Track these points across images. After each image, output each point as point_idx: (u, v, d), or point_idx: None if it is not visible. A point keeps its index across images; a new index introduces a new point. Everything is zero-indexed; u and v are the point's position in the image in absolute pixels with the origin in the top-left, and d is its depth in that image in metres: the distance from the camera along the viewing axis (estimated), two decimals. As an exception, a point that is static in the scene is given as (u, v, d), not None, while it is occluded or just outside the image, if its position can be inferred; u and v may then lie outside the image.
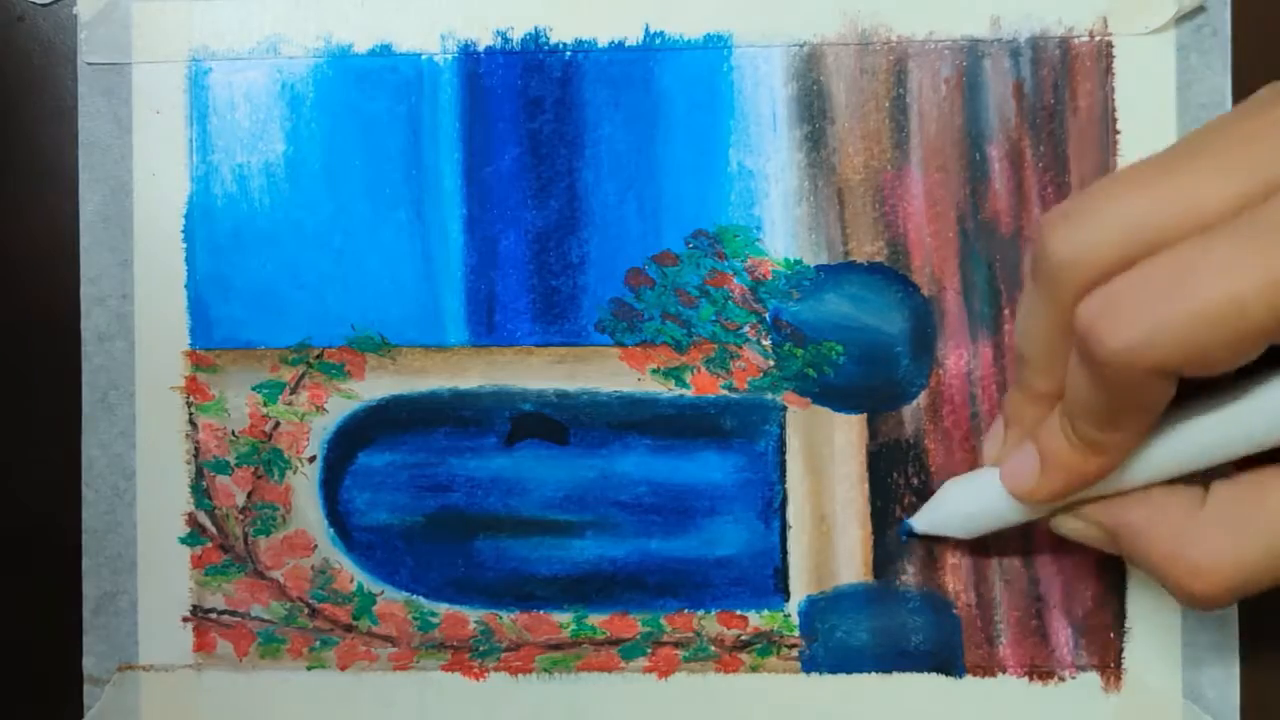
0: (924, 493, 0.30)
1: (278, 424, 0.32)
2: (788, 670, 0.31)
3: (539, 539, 0.31)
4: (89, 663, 0.32)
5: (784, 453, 0.31)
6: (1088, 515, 0.26)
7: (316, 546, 0.32)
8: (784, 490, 0.31)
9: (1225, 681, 0.30)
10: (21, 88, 0.32)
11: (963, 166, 0.30)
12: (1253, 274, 0.20)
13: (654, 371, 0.31)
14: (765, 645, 0.31)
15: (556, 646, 0.31)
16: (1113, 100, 0.30)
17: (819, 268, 0.31)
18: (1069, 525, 0.27)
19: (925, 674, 0.31)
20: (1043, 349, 0.25)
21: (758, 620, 0.31)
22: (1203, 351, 0.21)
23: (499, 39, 0.31)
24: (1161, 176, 0.22)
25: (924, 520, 0.29)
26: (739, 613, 0.31)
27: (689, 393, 0.31)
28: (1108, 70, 0.30)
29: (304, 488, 0.32)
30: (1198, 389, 0.24)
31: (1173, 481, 0.25)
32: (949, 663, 0.31)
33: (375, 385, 0.31)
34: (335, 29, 0.31)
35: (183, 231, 0.32)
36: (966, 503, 0.28)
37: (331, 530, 0.32)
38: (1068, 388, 0.24)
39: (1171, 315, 0.21)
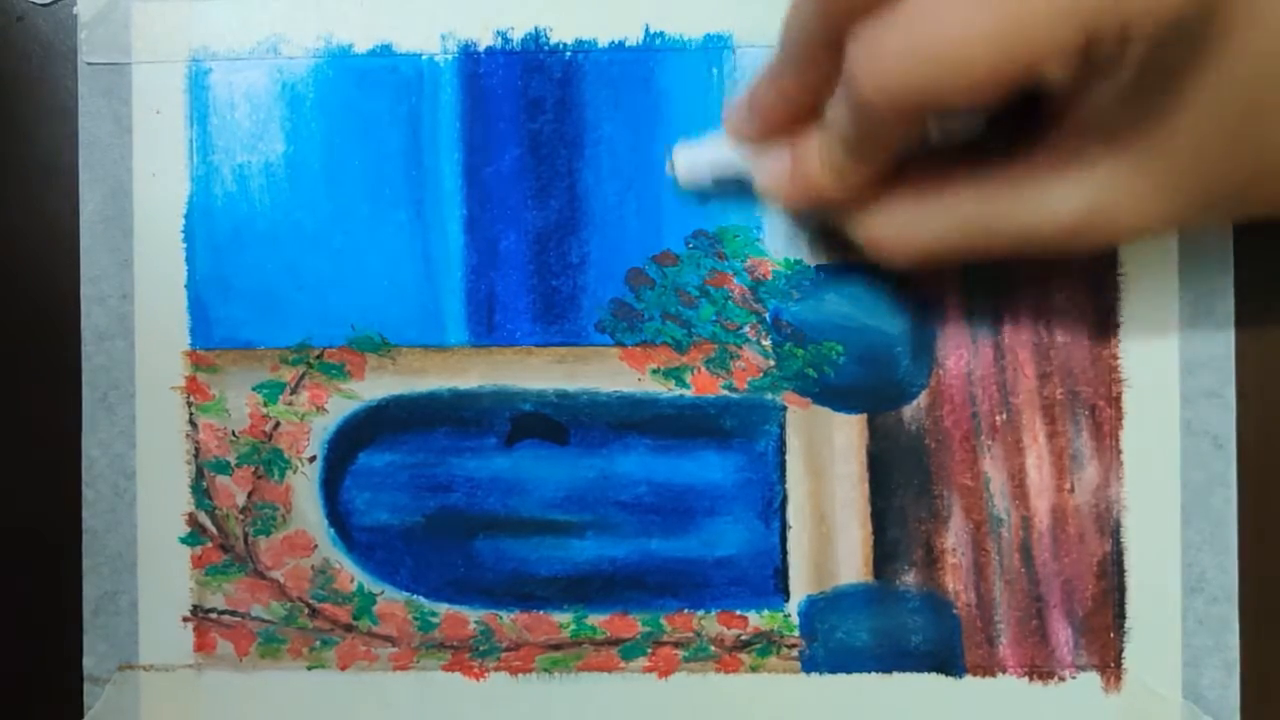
0: (924, 493, 0.30)
1: (278, 424, 0.32)
2: (788, 670, 0.31)
3: (539, 539, 0.31)
4: (89, 663, 0.32)
5: (784, 453, 0.31)
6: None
7: (316, 546, 0.32)
8: (784, 490, 0.31)
9: (1225, 681, 0.30)
10: (21, 88, 0.32)
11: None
12: (983, 22, 0.22)
13: (654, 371, 0.31)
14: (765, 645, 0.31)
15: (556, 646, 0.31)
16: (1113, 100, 0.30)
17: (819, 268, 0.31)
18: (770, 182, 0.28)
19: (925, 674, 0.31)
20: (804, 53, 0.26)
21: (758, 620, 0.31)
22: (940, 95, 0.22)
23: (499, 39, 0.31)
24: None
25: (682, 162, 0.30)
26: (739, 613, 0.31)
27: (689, 393, 0.31)
28: (1108, 70, 0.30)
29: (304, 488, 0.32)
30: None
31: None
32: (949, 663, 0.31)
33: (375, 385, 0.31)
34: (335, 29, 0.31)
35: (183, 231, 0.32)
36: (705, 159, 0.30)
37: (331, 530, 0.32)
38: (827, 112, 0.26)
39: (915, 60, 0.22)
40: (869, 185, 0.26)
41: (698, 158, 0.30)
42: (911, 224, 0.27)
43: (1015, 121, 0.26)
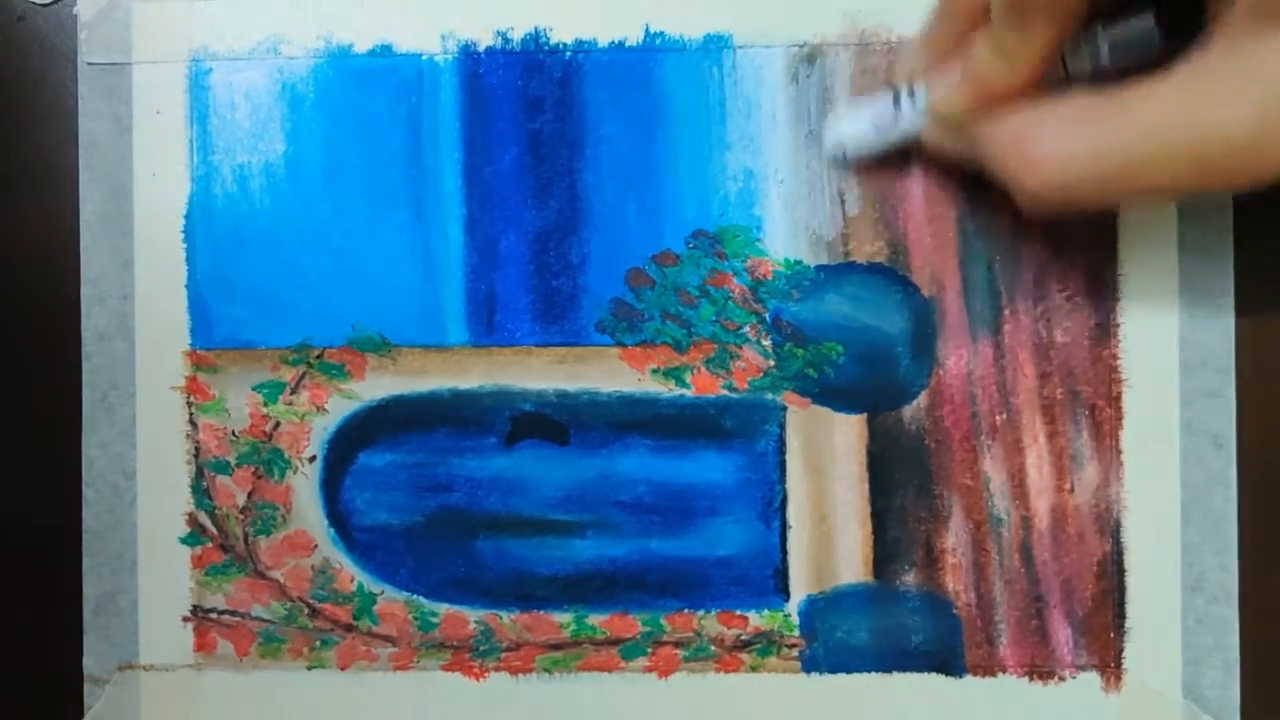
0: (924, 493, 0.30)
1: (278, 424, 0.32)
2: (788, 670, 0.31)
3: (539, 539, 0.31)
4: (89, 663, 0.32)
5: (784, 453, 0.31)
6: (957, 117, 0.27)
7: (317, 546, 0.32)
8: (784, 490, 0.31)
9: (1225, 681, 0.30)
10: (21, 88, 0.32)
11: (963, 166, 0.30)
12: None
13: (654, 371, 0.31)
14: (765, 645, 0.31)
15: (556, 646, 0.31)
16: (1113, 100, 0.30)
17: (819, 268, 0.31)
18: (935, 133, 0.28)
19: (925, 674, 0.31)
20: None
21: (758, 620, 0.31)
22: None
23: (499, 39, 0.31)
24: None
25: (830, 134, 0.30)
26: (739, 613, 0.31)
27: (689, 393, 0.31)
28: (1108, 70, 0.30)
29: (304, 488, 0.32)
30: None
31: None
32: (949, 663, 0.31)
33: (375, 385, 0.31)
34: (335, 29, 0.31)
35: (183, 231, 0.32)
36: (866, 119, 0.30)
37: (332, 530, 0.32)
38: None
39: None
40: (1033, 73, 0.25)
41: (855, 122, 0.30)
42: (1071, 141, 0.25)
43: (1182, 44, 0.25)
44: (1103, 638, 0.30)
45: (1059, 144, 0.25)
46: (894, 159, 0.30)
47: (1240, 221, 0.30)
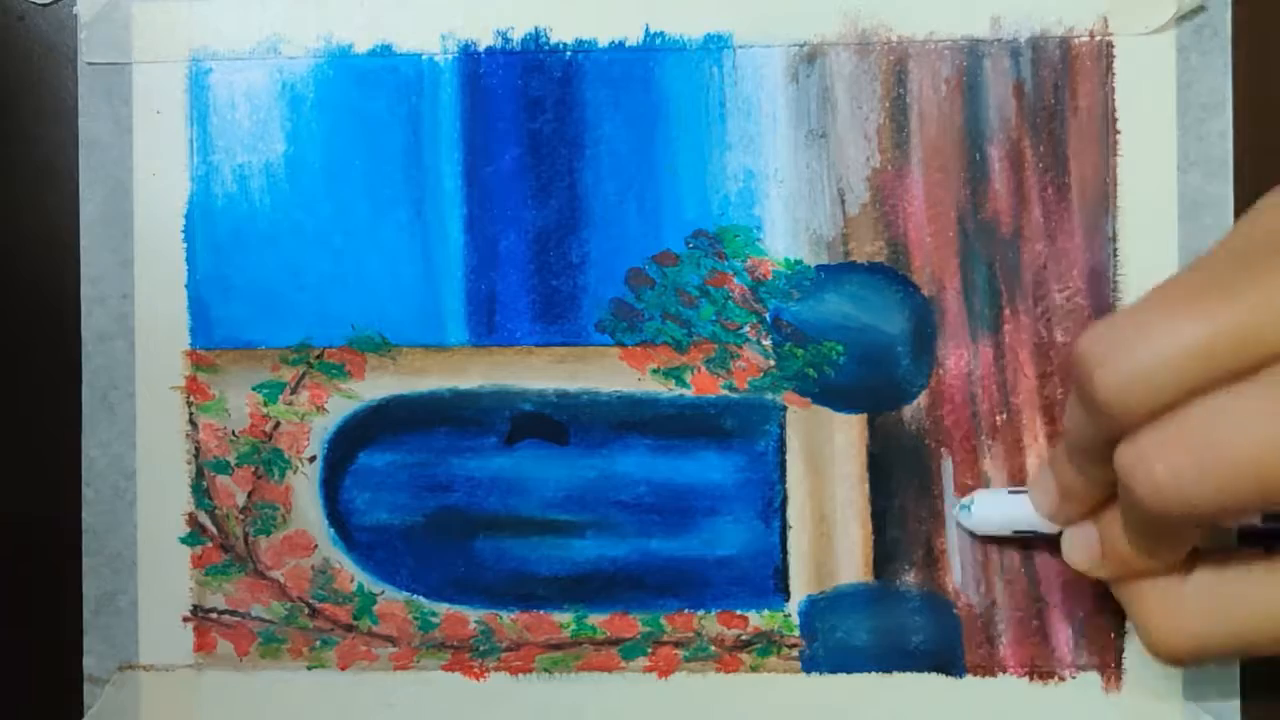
0: (924, 493, 0.30)
1: (278, 424, 0.32)
2: (788, 670, 0.31)
3: (539, 539, 0.31)
4: (89, 663, 0.32)
5: (784, 453, 0.31)
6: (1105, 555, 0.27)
7: (317, 546, 0.32)
8: (784, 490, 0.31)
9: (1225, 681, 0.30)
10: (21, 88, 0.32)
11: (963, 166, 0.30)
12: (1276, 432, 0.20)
13: (654, 371, 0.31)
14: (765, 645, 0.31)
15: (557, 646, 0.31)
16: (1113, 100, 0.30)
17: (819, 268, 0.31)
18: (1079, 558, 0.27)
19: (925, 674, 0.31)
20: (1091, 450, 0.24)
21: (758, 620, 0.31)
22: (1233, 505, 0.21)
23: (499, 39, 0.31)
24: (1216, 306, 0.21)
25: (980, 513, 0.29)
26: (739, 613, 0.31)
27: (689, 393, 0.31)
28: (1108, 70, 0.30)
29: (304, 488, 0.32)
30: None
31: None
32: (949, 663, 0.31)
33: (375, 385, 0.31)
34: (335, 29, 0.31)
35: (183, 231, 0.32)
36: (1011, 518, 0.29)
37: (332, 530, 0.32)
38: (1121, 506, 0.24)
39: (1200, 472, 0.21)
40: (1178, 563, 0.25)
41: (997, 513, 0.29)
42: (1198, 610, 0.25)
43: None
44: (1103, 638, 0.30)
45: (1187, 618, 0.25)
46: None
47: (1240, 221, 0.30)
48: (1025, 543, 0.30)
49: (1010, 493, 0.29)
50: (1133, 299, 0.30)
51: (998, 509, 0.29)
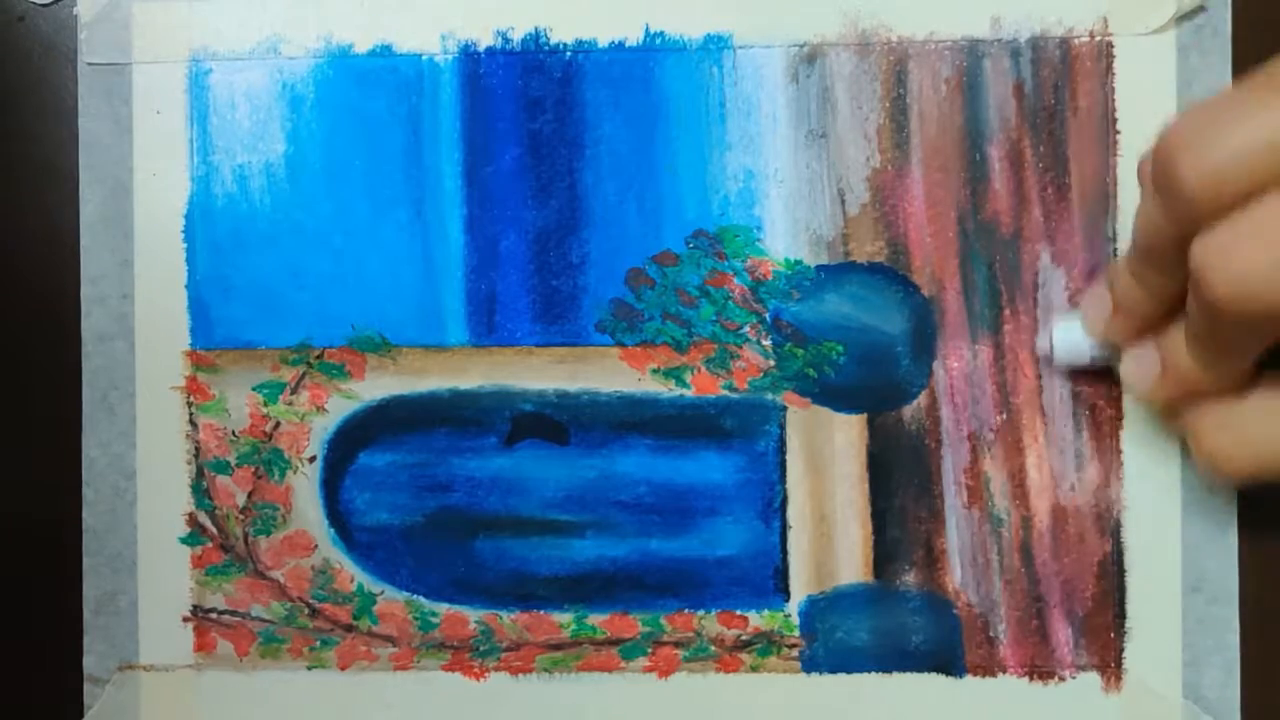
0: (924, 493, 0.30)
1: (278, 424, 0.32)
2: (788, 670, 0.31)
3: (539, 539, 0.31)
4: (89, 663, 0.32)
5: (784, 453, 0.31)
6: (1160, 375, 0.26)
7: (317, 546, 0.32)
8: (784, 490, 0.31)
9: (1225, 681, 0.30)
10: (21, 88, 0.32)
11: (963, 166, 0.30)
12: None
13: (654, 371, 0.31)
14: (765, 645, 0.31)
15: (556, 646, 0.31)
16: (1113, 100, 0.30)
17: (819, 268, 0.31)
18: (1139, 381, 0.27)
19: (925, 674, 0.31)
20: (1158, 251, 0.24)
21: (758, 620, 0.31)
22: None
23: (499, 39, 0.31)
24: None
25: (1061, 342, 0.29)
26: (739, 613, 0.31)
27: (689, 393, 0.31)
28: (1108, 70, 0.30)
29: (304, 488, 0.32)
30: None
31: None
32: (949, 663, 0.31)
33: (375, 385, 0.31)
34: (335, 29, 0.31)
35: (183, 231, 0.32)
36: (1076, 335, 0.29)
37: (332, 530, 0.32)
38: (1188, 309, 0.24)
39: (1273, 269, 0.20)
40: (1241, 378, 0.25)
41: (1078, 340, 0.29)
42: (1255, 434, 0.25)
43: None
44: (1103, 638, 0.30)
45: (1244, 444, 0.25)
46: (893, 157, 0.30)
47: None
48: (1023, 542, 0.30)
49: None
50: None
51: (1077, 336, 0.28)
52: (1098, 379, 0.30)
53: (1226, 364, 0.24)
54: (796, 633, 0.31)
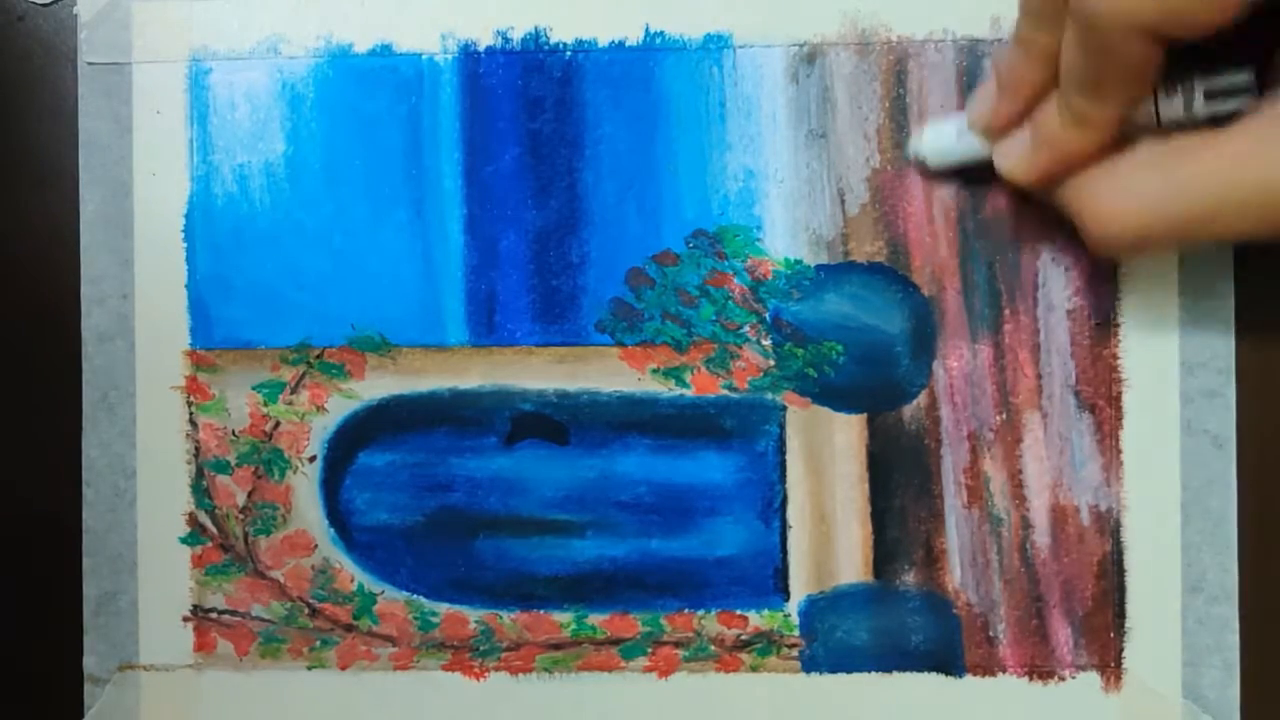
0: (924, 493, 0.30)
1: (278, 424, 0.32)
2: (788, 670, 0.31)
3: (539, 539, 0.31)
4: (89, 663, 0.32)
5: (784, 453, 0.31)
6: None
7: (317, 546, 0.32)
8: (784, 490, 0.31)
9: (1225, 681, 0.30)
10: (21, 88, 0.32)
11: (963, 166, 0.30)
12: None
13: (654, 371, 0.31)
14: (765, 645, 0.31)
15: (556, 646, 0.31)
16: (1113, 100, 0.30)
17: (819, 268, 0.31)
18: (1012, 161, 0.27)
19: (925, 674, 0.31)
20: (1045, 9, 0.25)
21: (758, 620, 0.31)
22: (1180, 8, 0.22)
23: (499, 39, 0.31)
24: None
25: (930, 139, 0.30)
26: (739, 612, 0.31)
27: (689, 393, 0.31)
28: (1108, 70, 0.30)
29: (304, 488, 0.32)
30: None
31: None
32: (949, 663, 0.31)
33: (375, 385, 0.31)
34: (335, 29, 0.31)
35: (183, 231, 0.32)
36: (946, 137, 0.29)
37: (332, 530, 0.32)
38: (1062, 56, 0.25)
39: None
40: (1108, 135, 0.25)
41: (947, 136, 0.29)
42: (1140, 188, 0.25)
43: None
44: (1103, 638, 0.30)
45: (1130, 198, 0.25)
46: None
47: (1240, 221, 0.30)
48: (1023, 541, 0.30)
49: (952, 117, 0.29)
50: (1133, 298, 0.30)
51: (946, 132, 0.29)
52: (1099, 380, 0.30)
53: (1100, 107, 0.25)
54: (796, 632, 0.31)
